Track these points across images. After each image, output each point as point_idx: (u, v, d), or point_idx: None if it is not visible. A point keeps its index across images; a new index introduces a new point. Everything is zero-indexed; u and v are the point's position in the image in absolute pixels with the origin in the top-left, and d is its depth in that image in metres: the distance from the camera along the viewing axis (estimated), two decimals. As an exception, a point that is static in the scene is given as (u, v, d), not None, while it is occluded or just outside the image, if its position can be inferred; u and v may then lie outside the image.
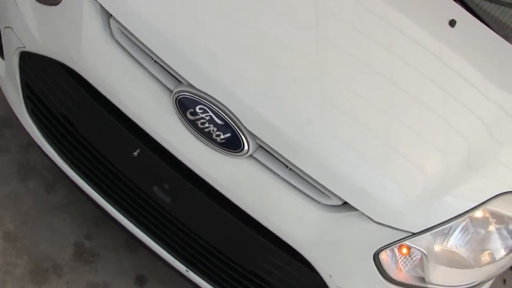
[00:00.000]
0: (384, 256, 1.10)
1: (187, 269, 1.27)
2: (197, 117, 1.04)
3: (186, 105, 1.04)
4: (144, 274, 1.58)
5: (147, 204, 1.21)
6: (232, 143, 1.04)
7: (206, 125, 1.04)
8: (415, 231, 1.07)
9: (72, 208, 1.59)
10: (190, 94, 1.03)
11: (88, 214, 1.60)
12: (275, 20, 1.15)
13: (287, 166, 1.06)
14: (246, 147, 1.04)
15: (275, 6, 1.17)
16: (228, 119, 1.02)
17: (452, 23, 1.47)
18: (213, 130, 1.04)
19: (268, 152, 1.06)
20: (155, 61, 1.07)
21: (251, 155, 1.06)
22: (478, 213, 1.15)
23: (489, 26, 1.54)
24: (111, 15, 1.08)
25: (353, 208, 1.05)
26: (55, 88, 1.19)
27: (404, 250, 1.11)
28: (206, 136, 1.04)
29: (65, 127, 1.23)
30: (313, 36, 1.16)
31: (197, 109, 1.03)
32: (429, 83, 1.26)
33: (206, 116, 1.03)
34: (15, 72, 1.26)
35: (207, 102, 1.03)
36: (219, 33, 1.09)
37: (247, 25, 1.12)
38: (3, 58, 1.34)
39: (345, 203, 1.06)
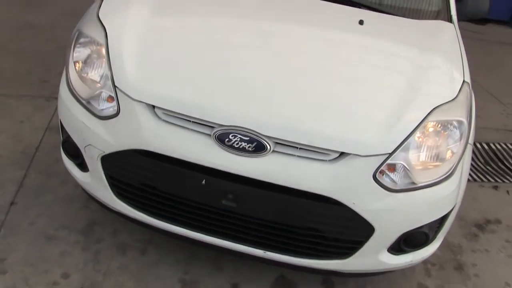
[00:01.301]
0: (380, 176, 1.66)
1: (265, 251, 1.80)
2: (232, 142, 1.62)
3: (222, 138, 1.63)
4: (236, 282, 2.09)
5: (223, 216, 1.75)
6: (259, 148, 1.63)
7: (239, 144, 1.62)
8: (389, 152, 1.65)
9: (165, 258, 2.13)
10: (222, 130, 1.63)
11: (179, 257, 2.13)
12: (253, 70, 1.79)
13: (297, 147, 1.64)
14: (268, 147, 1.63)
15: (248, 61, 1.81)
16: (250, 134, 1.61)
17: (361, 22, 2.14)
18: (244, 146, 1.62)
19: (283, 144, 1.64)
20: (192, 121, 1.67)
21: (273, 150, 1.64)
22: (427, 125, 1.73)
23: (390, 14, 2.24)
24: (154, 106, 1.69)
25: (346, 154, 1.63)
26: (132, 168, 1.77)
27: (391, 168, 1.68)
28: (242, 150, 1.63)
29: (147, 192, 1.80)
30: (277, 65, 1.81)
31: (230, 137, 1.62)
32: (359, 61, 1.92)
33: (236, 139, 1.62)
34: (101, 173, 1.84)
35: (234, 131, 1.62)
36: (222, 91, 1.71)
37: (241, 81, 1.75)
38: (86, 170, 1.92)
39: (341, 153, 1.64)
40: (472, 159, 3.47)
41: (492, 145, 3.76)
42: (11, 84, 3.32)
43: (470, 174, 3.20)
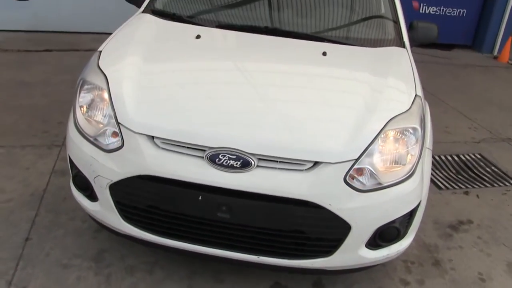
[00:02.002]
0: (350, 180, 1.95)
1: (258, 256, 2.05)
2: (222, 161, 1.91)
3: (213, 159, 1.91)
4: (234, 291, 2.32)
5: (219, 227, 2.01)
6: (245, 164, 1.91)
7: (228, 162, 1.90)
8: (355, 158, 1.95)
9: (171, 276, 2.35)
10: (212, 152, 1.91)
11: (183, 274, 2.36)
12: (234, 100, 2.10)
13: (277, 161, 1.93)
14: (253, 163, 1.91)
15: (229, 93, 2.13)
16: (237, 153, 1.90)
17: (324, 53, 2.48)
18: (233, 163, 1.90)
19: (265, 159, 1.93)
20: (186, 147, 1.95)
21: (258, 165, 1.92)
22: (387, 133, 2.04)
23: (349, 44, 2.60)
24: (153, 137, 1.98)
25: (319, 163, 1.92)
26: (137, 192, 2.03)
27: (359, 172, 1.97)
28: (231, 167, 1.91)
29: (151, 212, 2.05)
30: (255, 95, 2.12)
31: (220, 157, 1.90)
32: (324, 87, 2.25)
33: (225, 158, 1.91)
34: (109, 200, 2.09)
35: (223, 151, 1.91)
36: (210, 119, 2.01)
37: (225, 110, 2.06)
38: (95, 200, 2.17)
39: (315, 163, 1.93)
40: (444, 170, 3.81)
41: (462, 156, 4.09)
42: (14, 137, 3.59)
43: (443, 183, 3.52)
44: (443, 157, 4.01)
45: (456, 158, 4.04)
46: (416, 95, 2.28)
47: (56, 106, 4.21)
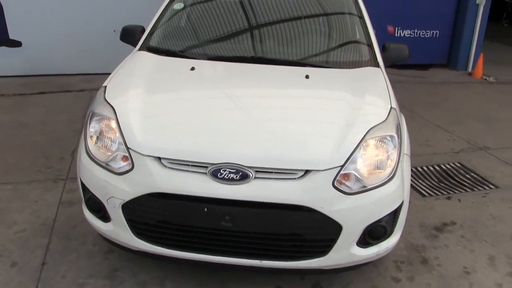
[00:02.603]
0: (338, 184, 2.19)
1: (260, 260, 2.26)
2: (223, 175, 2.14)
3: (215, 173, 2.15)
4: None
5: (223, 235, 2.22)
6: (244, 177, 2.14)
7: (229, 176, 2.14)
8: (341, 164, 2.20)
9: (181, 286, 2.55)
10: (214, 167, 2.15)
11: (191, 286, 2.55)
12: (231, 122, 2.36)
13: (272, 172, 2.17)
14: (251, 175, 2.15)
15: (225, 116, 2.39)
16: (236, 167, 2.14)
17: (307, 76, 2.76)
18: (233, 176, 2.14)
19: (262, 171, 2.16)
20: (191, 165, 2.18)
21: (255, 177, 2.16)
22: (368, 142, 2.30)
23: (330, 67, 2.88)
24: (160, 158, 2.21)
25: (310, 171, 2.16)
26: (148, 209, 2.24)
27: (346, 177, 2.22)
28: (232, 180, 2.14)
29: (161, 226, 2.26)
30: (248, 116, 2.38)
31: (221, 171, 2.14)
32: (309, 106, 2.52)
33: (226, 172, 2.14)
34: (122, 218, 2.30)
35: (223, 166, 2.14)
36: (210, 139, 2.25)
37: (223, 130, 2.31)
38: (108, 220, 2.38)
39: (306, 171, 2.17)
40: (427, 179, 4.07)
41: (442, 165, 4.36)
42: (19, 173, 3.78)
43: (426, 191, 3.77)
44: (425, 168, 4.28)
45: (437, 167, 4.31)
46: (391, 107, 2.55)
47: (56, 143, 4.42)
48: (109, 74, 2.90)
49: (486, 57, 8.14)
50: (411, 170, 3.04)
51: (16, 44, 6.72)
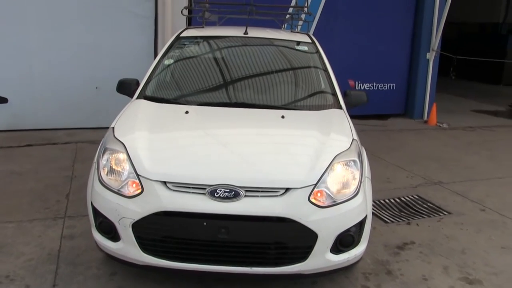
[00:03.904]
0: (313, 199, 2.68)
1: (250, 267, 2.68)
2: (219, 194, 2.60)
3: (213, 193, 2.61)
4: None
5: (220, 246, 2.64)
6: (236, 195, 2.61)
7: (224, 194, 2.60)
8: (314, 183, 2.70)
9: (179, 300, 2.91)
10: (212, 188, 2.61)
11: (189, 296, 2.92)
12: (223, 152, 2.86)
13: (259, 191, 2.64)
14: (242, 193, 2.62)
15: (218, 149, 2.89)
16: (230, 187, 2.61)
17: (283, 117, 3.31)
18: (227, 195, 2.60)
19: (250, 190, 2.63)
20: (192, 187, 2.64)
21: (245, 195, 2.63)
22: (335, 165, 2.82)
23: (301, 110, 3.45)
24: (165, 182, 2.66)
25: (289, 189, 2.65)
26: (155, 226, 2.66)
27: (319, 194, 2.71)
28: (226, 198, 2.60)
29: (167, 241, 2.66)
30: (236, 149, 2.89)
31: (217, 191, 2.60)
32: (285, 141, 3.07)
33: (221, 191, 2.60)
34: (132, 236, 2.70)
35: (219, 187, 2.61)
36: (207, 166, 2.73)
37: (219, 159, 2.80)
38: (117, 240, 2.76)
39: (286, 189, 2.66)
40: (389, 209, 4.61)
41: (402, 198, 4.91)
42: (20, 214, 4.09)
43: (388, 219, 4.29)
44: (387, 200, 4.82)
45: (398, 199, 4.86)
46: (353, 139, 3.11)
47: (50, 188, 4.75)
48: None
49: (439, 106, 9.01)
50: (374, 201, 3.59)
51: (3, 100, 7.06)
